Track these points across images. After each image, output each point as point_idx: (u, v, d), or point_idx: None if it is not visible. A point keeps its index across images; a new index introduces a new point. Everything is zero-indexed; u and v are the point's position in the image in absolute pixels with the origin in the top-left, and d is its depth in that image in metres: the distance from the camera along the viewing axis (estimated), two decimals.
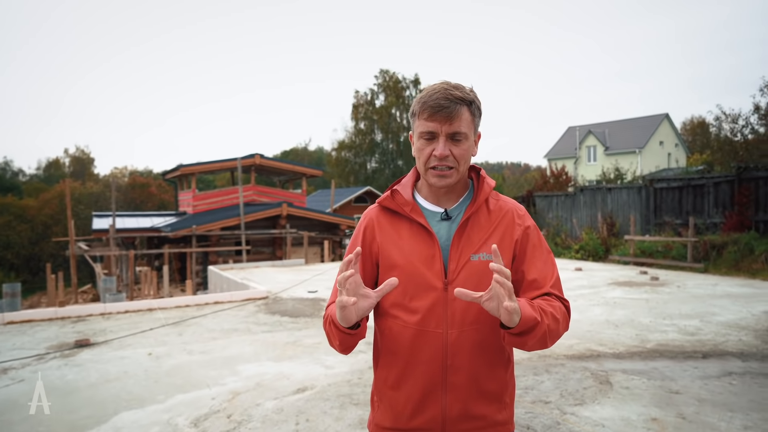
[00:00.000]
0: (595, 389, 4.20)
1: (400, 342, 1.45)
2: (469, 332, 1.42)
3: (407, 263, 1.45)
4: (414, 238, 1.47)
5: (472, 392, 1.44)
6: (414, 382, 1.44)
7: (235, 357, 5.32)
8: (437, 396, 1.43)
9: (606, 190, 17.75)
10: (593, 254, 15.74)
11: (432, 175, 1.45)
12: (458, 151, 1.43)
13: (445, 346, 1.42)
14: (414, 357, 1.44)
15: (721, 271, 12.07)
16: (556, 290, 1.49)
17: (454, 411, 1.43)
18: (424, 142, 1.44)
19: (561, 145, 48.58)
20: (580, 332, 6.08)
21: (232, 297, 8.46)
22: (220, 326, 6.74)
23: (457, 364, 1.42)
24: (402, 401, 1.46)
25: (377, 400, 1.53)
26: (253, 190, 24.06)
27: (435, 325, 1.42)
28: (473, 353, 1.43)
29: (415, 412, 1.44)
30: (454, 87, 1.44)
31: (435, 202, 1.52)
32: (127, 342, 5.99)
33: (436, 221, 1.49)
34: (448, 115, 1.40)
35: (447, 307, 1.42)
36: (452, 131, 1.41)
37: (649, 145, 43.02)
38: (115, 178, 54.01)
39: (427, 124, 1.42)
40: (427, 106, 1.42)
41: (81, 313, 7.53)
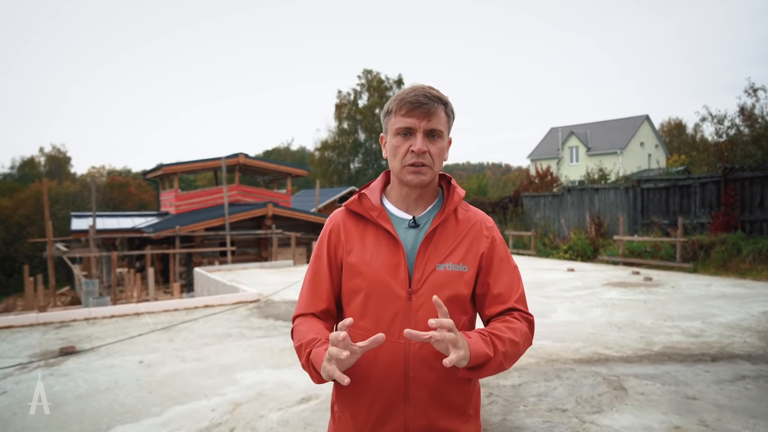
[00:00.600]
0: (611, 395, 4.08)
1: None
2: (431, 345, 1.35)
3: (371, 270, 1.42)
4: (379, 245, 1.44)
5: (435, 405, 1.40)
6: (376, 393, 1.40)
7: (231, 364, 5.08)
8: (399, 408, 1.39)
9: (593, 191, 17.83)
10: (582, 254, 15.77)
11: (408, 172, 1.42)
12: (435, 149, 1.42)
13: (407, 358, 1.38)
14: (375, 368, 1.39)
15: (710, 271, 12.15)
16: (521, 305, 1.47)
17: (416, 424, 1.40)
18: (401, 139, 1.42)
19: (544, 146, 48.94)
20: (584, 335, 5.98)
21: (222, 300, 8.20)
22: (212, 331, 6.48)
23: (420, 376, 1.39)
24: (364, 413, 1.42)
25: (338, 410, 1.49)
26: (237, 190, 23.66)
27: (397, 335, 1.38)
28: (436, 365, 1.38)
29: (377, 424, 1.41)
30: (431, 88, 1.44)
31: (403, 208, 1.49)
32: (116, 349, 5.70)
33: (404, 228, 1.46)
34: (426, 111, 1.39)
35: (410, 317, 1.39)
36: (430, 128, 1.40)
37: (630, 146, 43.58)
38: (92, 177, 52.90)
39: (405, 120, 1.41)
40: (406, 102, 1.40)
41: (64, 319, 7.20)
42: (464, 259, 1.44)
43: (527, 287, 9.64)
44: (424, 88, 1.43)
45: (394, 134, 1.44)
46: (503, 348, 1.35)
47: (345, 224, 1.51)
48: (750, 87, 15.31)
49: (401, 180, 1.45)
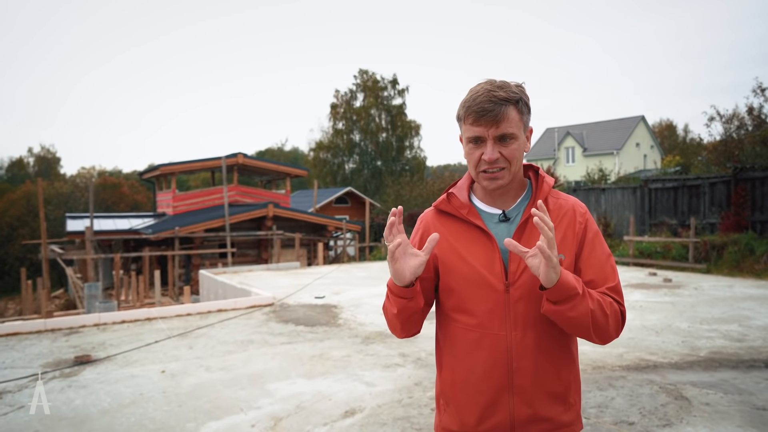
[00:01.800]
0: (675, 407, 3.84)
1: (463, 345, 1.44)
2: (532, 333, 1.40)
3: (467, 266, 1.43)
4: (472, 241, 1.45)
5: (539, 394, 1.41)
6: (480, 385, 1.41)
7: (260, 374, 4.79)
8: (504, 399, 1.41)
9: (600, 191, 17.67)
10: None
11: (483, 179, 1.43)
12: (508, 152, 1.40)
13: (510, 349, 1.40)
14: (479, 360, 1.42)
15: (723, 271, 12.01)
16: (613, 293, 1.43)
17: (522, 414, 1.40)
18: (473, 147, 1.42)
19: (539, 147, 48.93)
20: (623, 339, 5.74)
21: (236, 304, 7.89)
22: (232, 337, 6.18)
23: (523, 366, 1.40)
24: (469, 405, 1.43)
25: (443, 402, 1.50)
26: (236, 190, 23.30)
27: (498, 327, 1.40)
28: (538, 354, 1.41)
29: (483, 416, 1.42)
30: (498, 87, 1.40)
31: (492, 203, 1.49)
32: (134, 357, 5.39)
33: (494, 223, 1.47)
34: (493, 118, 1.37)
35: (509, 309, 1.40)
36: (499, 134, 1.38)
37: (626, 147, 43.64)
38: (84, 178, 52.18)
39: (474, 129, 1.40)
40: (471, 111, 1.39)
41: (73, 324, 6.86)
42: (560, 248, 1.42)
43: None
44: (490, 92, 1.38)
45: (466, 142, 1.44)
46: (592, 304, 1.34)
47: (435, 224, 1.52)
48: (758, 87, 15.23)
49: (479, 185, 1.48)
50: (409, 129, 49.48)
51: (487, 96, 1.38)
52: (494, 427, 1.42)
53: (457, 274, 1.44)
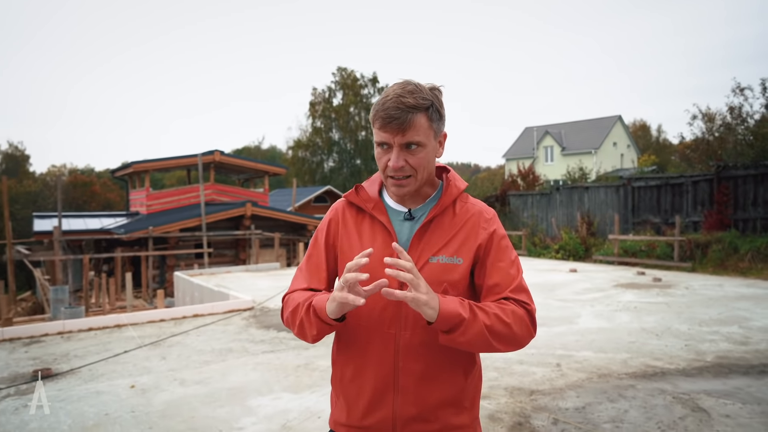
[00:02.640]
0: (694, 419, 3.55)
1: (355, 341, 1.44)
2: (420, 334, 1.39)
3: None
4: (374, 236, 1.45)
5: (423, 395, 1.40)
6: (366, 381, 1.42)
7: (241, 388, 4.37)
8: (389, 397, 1.41)
9: (583, 189, 17.58)
10: (574, 254, 15.46)
11: (391, 184, 1.43)
12: (414, 160, 1.38)
13: (397, 348, 1.40)
14: (367, 356, 1.42)
15: (708, 270, 11.95)
16: (516, 294, 1.41)
17: (404, 413, 1.41)
18: (381, 151, 1.41)
19: (518, 146, 49.10)
20: (624, 344, 5.48)
21: (213, 309, 7.43)
22: (209, 346, 5.74)
23: (408, 366, 1.40)
24: (355, 398, 1.44)
25: (335, 396, 1.52)
26: (212, 188, 22.64)
27: (388, 325, 1.40)
28: (425, 355, 1.40)
29: (368, 410, 1.43)
30: (409, 92, 1.36)
31: (400, 201, 1.49)
32: (100, 370, 4.91)
33: (399, 220, 1.46)
34: (399, 125, 1.34)
35: (401, 308, 1.39)
36: (405, 141, 1.36)
37: (603, 146, 44.05)
38: (54, 176, 50.55)
39: (381, 134, 1.38)
40: (379, 116, 1.36)
41: (34, 333, 6.32)
42: (458, 252, 1.42)
43: (536, 289, 9.20)
44: (399, 97, 1.35)
45: (376, 145, 1.42)
46: (486, 320, 1.32)
47: (344, 215, 1.52)
48: (737, 87, 15.29)
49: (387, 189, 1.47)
50: None
51: (395, 102, 1.34)
52: (377, 423, 1.42)
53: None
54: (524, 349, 5.29)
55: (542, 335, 5.88)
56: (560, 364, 4.86)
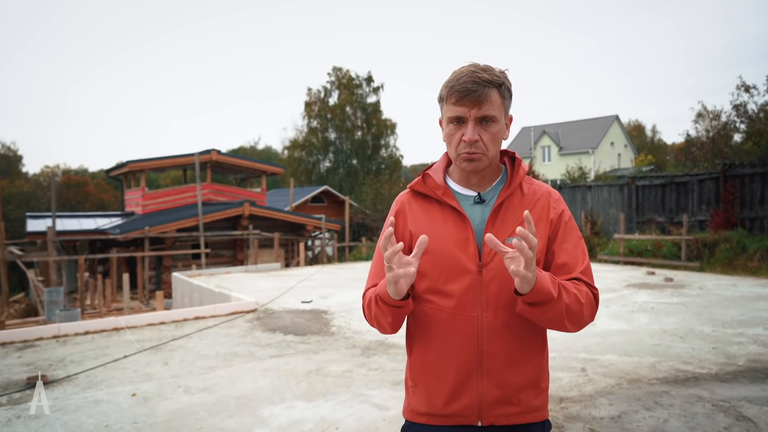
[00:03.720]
0: (741, 430, 3.31)
1: (435, 326, 1.42)
2: (503, 315, 1.39)
3: (440, 247, 1.41)
4: (446, 222, 1.44)
5: (509, 377, 1.40)
6: (450, 366, 1.40)
7: (250, 395, 4.10)
8: (473, 381, 1.39)
9: (586, 188, 17.38)
10: None
11: (462, 160, 1.42)
12: (487, 136, 1.40)
13: (481, 330, 1.39)
14: (449, 341, 1.41)
15: (717, 269, 11.76)
16: (586, 276, 1.43)
17: (490, 396, 1.39)
18: (453, 127, 1.42)
19: (516, 146, 48.96)
20: (648, 347, 5.24)
21: (215, 311, 7.14)
22: (213, 350, 5.46)
23: (493, 348, 1.39)
24: (437, 386, 1.42)
25: (412, 384, 1.49)
26: (209, 188, 22.31)
27: (470, 308, 1.40)
28: (508, 337, 1.40)
29: (452, 397, 1.40)
30: (483, 69, 1.39)
31: (468, 186, 1.49)
32: (98, 377, 4.63)
33: (469, 205, 1.46)
34: (476, 99, 1.36)
35: (482, 291, 1.39)
36: (481, 115, 1.38)
37: (601, 146, 43.99)
38: (47, 177, 50.01)
39: (455, 109, 1.39)
40: (455, 90, 1.38)
41: (28, 337, 6.02)
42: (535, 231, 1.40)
43: None
44: (474, 73, 1.38)
45: (447, 122, 1.43)
46: (567, 300, 1.34)
47: (411, 205, 1.51)
48: (742, 84, 15.13)
49: (458, 166, 1.47)
50: (384, 127, 48.88)
51: (471, 77, 1.37)
52: (462, 409, 1.40)
53: (431, 255, 1.42)
54: None
55: (561, 338, 5.64)
56: (585, 369, 4.61)
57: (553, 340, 5.53)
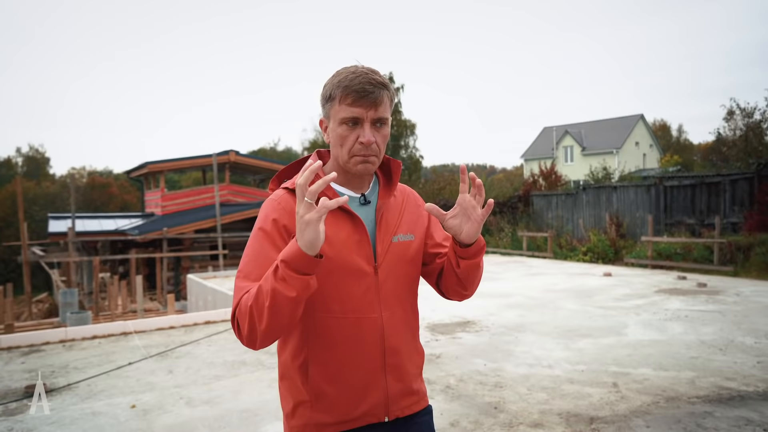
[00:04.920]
0: None
1: (337, 334, 1.38)
2: (398, 311, 1.44)
3: (335, 250, 1.35)
4: (338, 225, 1.38)
5: (406, 368, 1.46)
6: (356, 370, 1.39)
7: (254, 410, 3.84)
8: (379, 379, 1.42)
9: (611, 189, 16.82)
10: (603, 257, 14.74)
11: (357, 162, 1.38)
12: (380, 138, 1.40)
13: (382, 329, 1.41)
14: (354, 346, 1.39)
15: (752, 274, 11.17)
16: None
17: (394, 390, 1.43)
18: (347, 128, 1.37)
19: (537, 146, 48.20)
20: (685, 360, 4.85)
21: (226, 315, 6.92)
22: (220, 357, 5.22)
23: (393, 344, 1.43)
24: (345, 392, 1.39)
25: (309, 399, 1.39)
26: (227, 189, 22.29)
27: (370, 310, 1.40)
28: (403, 330, 1.46)
29: (360, 399, 1.40)
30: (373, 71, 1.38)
31: (350, 187, 1.45)
32: (99, 386, 4.42)
33: (356, 206, 1.44)
34: (373, 100, 1.35)
35: (379, 290, 1.41)
36: (377, 117, 1.37)
37: (625, 146, 42.96)
38: (72, 177, 50.89)
39: (352, 110, 1.35)
40: (351, 90, 1.34)
41: (34, 341, 5.88)
42: (410, 229, 1.50)
43: (571, 295, 8.58)
44: (368, 74, 1.36)
45: (339, 123, 1.37)
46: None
47: (293, 206, 1.37)
48: None
49: (348, 169, 1.41)
50: (404, 128, 48.50)
51: (367, 78, 1.35)
52: (371, 408, 1.41)
53: (329, 262, 1.34)
54: (573, 366, 4.70)
55: (589, 348, 5.28)
56: (617, 384, 4.25)
57: (580, 351, 5.18)
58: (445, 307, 7.47)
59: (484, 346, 5.45)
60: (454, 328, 6.27)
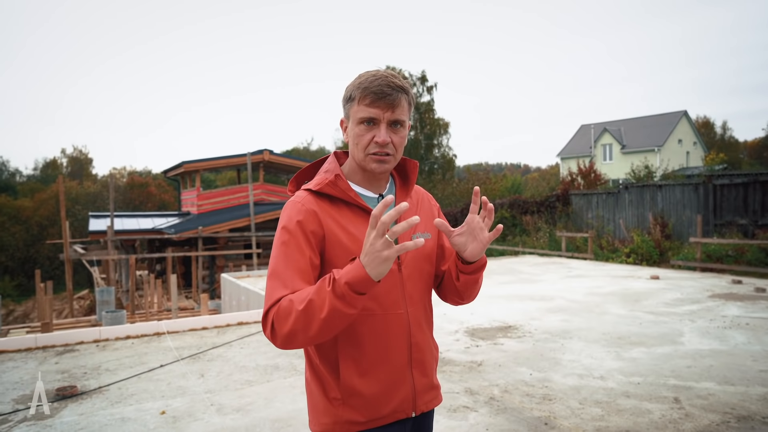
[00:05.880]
0: None
1: (366, 331, 1.41)
2: (420, 308, 1.50)
3: (360, 249, 1.35)
4: (361, 224, 1.44)
5: (428, 363, 1.51)
6: (385, 367, 1.43)
7: (287, 419, 3.64)
8: (407, 375, 1.45)
9: (656, 188, 16.11)
10: (647, 258, 14.09)
11: (372, 161, 1.44)
12: (397, 139, 1.44)
13: (408, 325, 1.46)
14: (383, 343, 1.43)
15: None
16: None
17: (421, 384, 1.48)
18: (364, 128, 1.43)
19: (574, 144, 47.03)
20: (753, 373, 4.42)
21: (259, 316, 6.79)
22: (253, 361, 5.06)
23: (418, 340, 1.48)
24: (376, 389, 1.42)
25: (340, 397, 1.42)
26: (261, 188, 22.39)
27: (396, 306, 1.44)
28: (425, 326, 1.51)
29: (390, 396, 1.43)
30: (393, 75, 1.44)
31: (368, 187, 1.51)
32: (130, 389, 4.31)
33: (374, 206, 1.48)
34: (390, 102, 1.40)
35: (403, 287, 1.46)
36: (393, 119, 1.42)
37: (668, 143, 41.43)
38: (113, 177, 52.35)
39: (369, 110, 1.42)
40: (370, 91, 1.41)
41: (69, 341, 5.85)
42: (427, 228, 1.55)
43: (617, 299, 8.11)
44: (388, 77, 1.42)
45: (357, 123, 1.44)
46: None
47: (321, 209, 1.44)
48: None
49: (364, 167, 1.47)
50: (437, 127, 48.13)
51: (386, 81, 1.40)
52: (400, 404, 1.44)
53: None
54: (627, 378, 4.35)
55: (643, 358, 4.90)
56: (679, 399, 3.88)
57: (634, 361, 4.81)
58: (484, 309, 7.15)
59: (528, 354, 5.13)
60: (494, 333, 5.96)
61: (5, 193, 44.57)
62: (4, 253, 38.07)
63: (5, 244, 38.31)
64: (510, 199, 21.74)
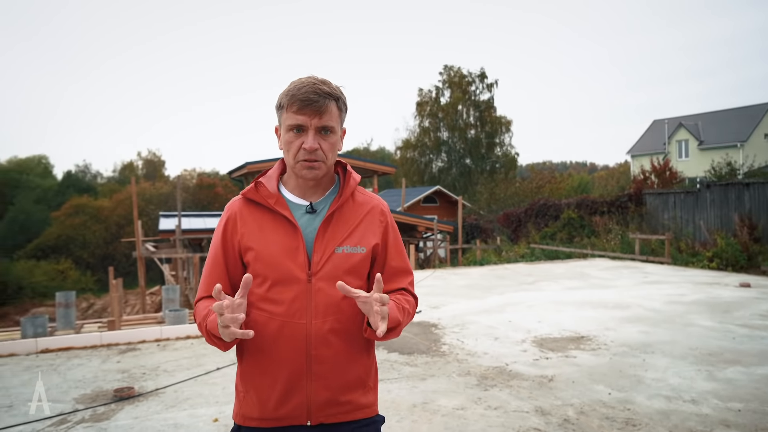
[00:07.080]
0: None
1: (266, 333, 1.46)
2: (331, 321, 1.46)
3: (270, 255, 1.46)
4: (277, 231, 1.48)
5: (337, 379, 1.47)
6: (280, 372, 1.45)
7: None
8: (303, 384, 1.45)
9: (743, 186, 14.80)
10: (732, 263, 12.92)
11: (301, 168, 1.46)
12: (326, 145, 1.46)
13: (309, 336, 1.45)
14: (279, 348, 1.45)
15: None
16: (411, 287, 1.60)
17: (319, 398, 1.46)
18: (293, 135, 1.46)
19: (645, 141, 44.59)
20: None
21: None
22: None
23: (321, 353, 1.45)
24: (269, 390, 1.46)
25: (243, 390, 1.52)
26: None
27: (299, 316, 1.45)
28: (335, 341, 1.47)
29: (282, 401, 1.45)
30: (322, 82, 1.46)
31: (301, 195, 1.53)
32: (185, 393, 4.23)
33: (301, 214, 1.51)
34: (317, 109, 1.43)
35: (311, 299, 1.45)
36: (321, 125, 1.44)
37: (752, 138, 38.41)
38: (184, 179, 54.77)
39: (297, 117, 1.44)
40: (296, 99, 1.43)
41: (132, 339, 5.92)
42: (361, 241, 1.51)
43: (702, 308, 7.33)
44: (315, 84, 1.44)
45: (286, 130, 1.47)
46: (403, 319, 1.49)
47: (242, 213, 1.53)
48: None
49: (296, 174, 1.50)
50: (499, 125, 47.10)
51: (312, 88, 1.43)
52: (292, 410, 1.45)
53: (263, 264, 1.46)
54: (724, 403, 3.82)
55: (741, 379, 4.32)
56: None
57: (731, 382, 4.24)
58: (553, 317, 6.68)
59: (605, 369, 4.66)
60: (565, 345, 5.50)
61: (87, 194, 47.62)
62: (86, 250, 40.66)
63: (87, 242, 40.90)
64: (577, 198, 20.74)
